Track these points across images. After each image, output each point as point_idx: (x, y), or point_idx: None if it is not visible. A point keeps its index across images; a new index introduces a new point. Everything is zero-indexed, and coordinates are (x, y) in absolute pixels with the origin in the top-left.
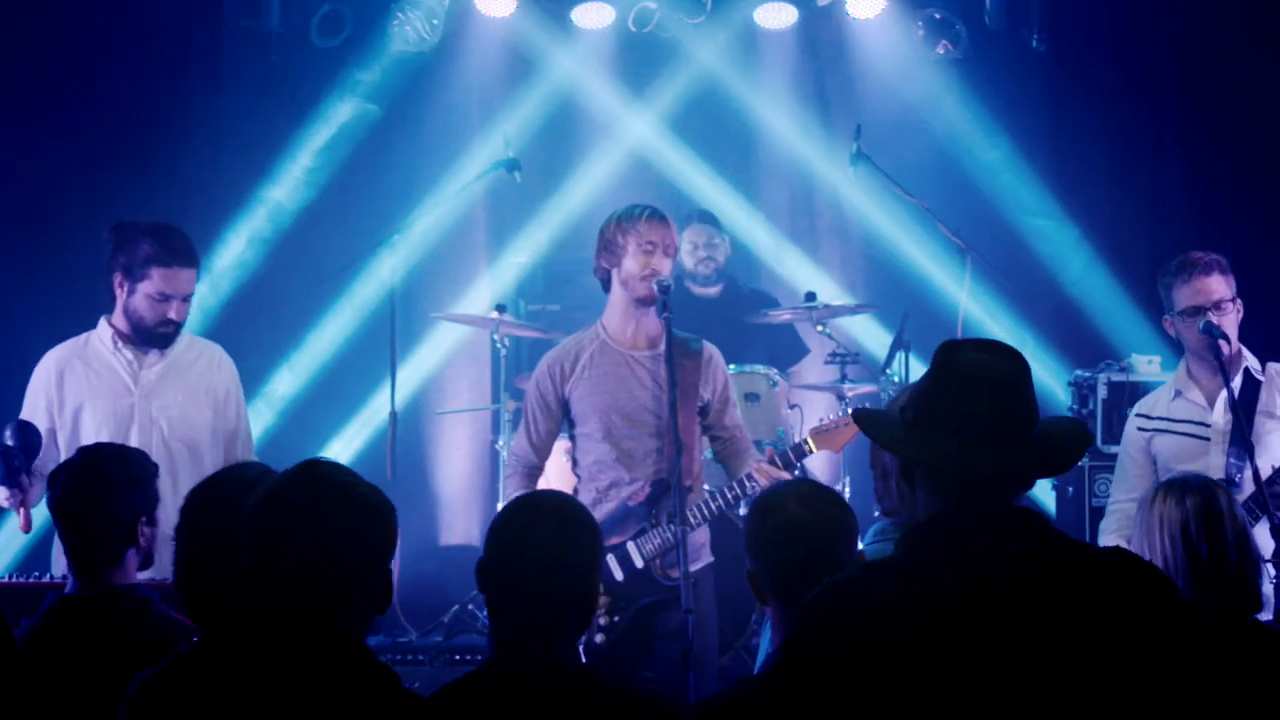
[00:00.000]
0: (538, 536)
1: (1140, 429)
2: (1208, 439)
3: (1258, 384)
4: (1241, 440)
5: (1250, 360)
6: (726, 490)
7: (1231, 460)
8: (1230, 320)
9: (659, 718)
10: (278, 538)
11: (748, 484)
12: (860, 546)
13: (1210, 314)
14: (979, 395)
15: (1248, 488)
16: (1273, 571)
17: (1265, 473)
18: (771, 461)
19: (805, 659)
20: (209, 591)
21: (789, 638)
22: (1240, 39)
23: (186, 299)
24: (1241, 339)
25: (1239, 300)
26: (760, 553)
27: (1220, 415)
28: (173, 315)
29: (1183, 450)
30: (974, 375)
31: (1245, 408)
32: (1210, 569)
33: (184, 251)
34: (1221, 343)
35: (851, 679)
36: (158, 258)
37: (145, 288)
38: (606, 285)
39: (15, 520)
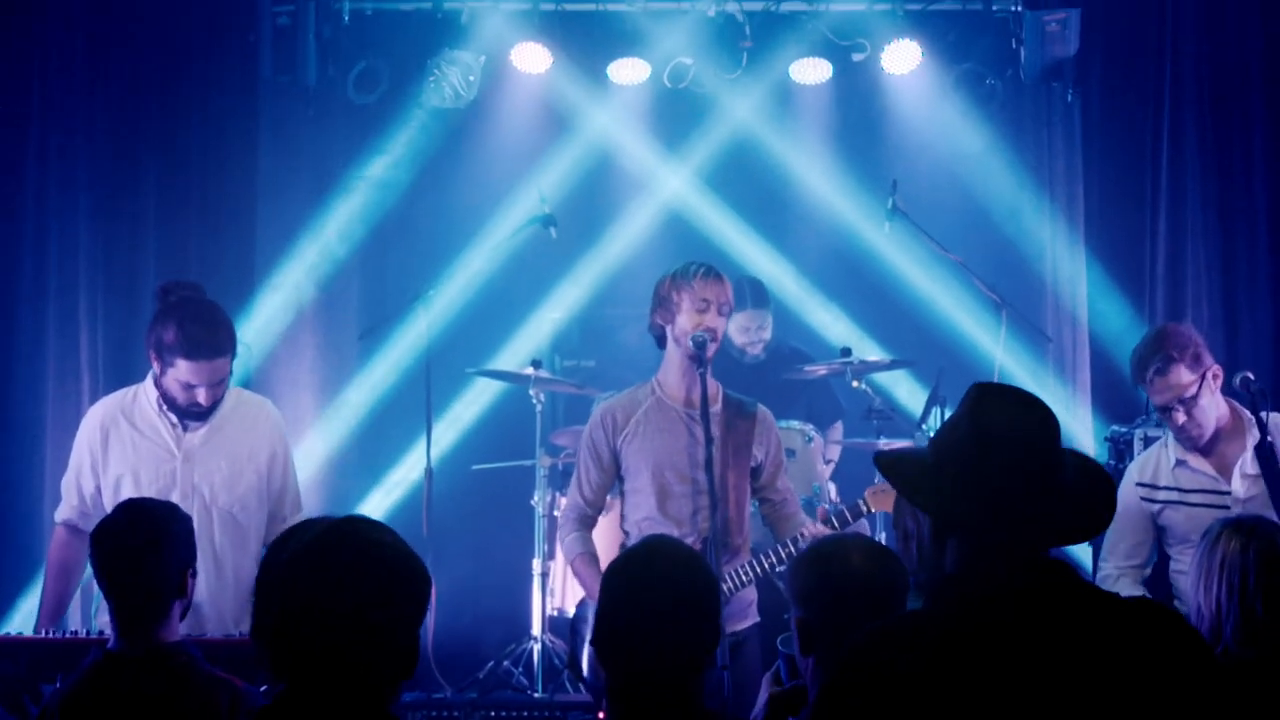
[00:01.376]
0: (657, 589)
1: (1145, 499)
2: (1227, 507)
3: (1270, 446)
4: (1273, 506)
5: (1250, 422)
6: (779, 550)
7: None
8: (1202, 408)
9: None
10: (299, 599)
11: (801, 542)
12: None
13: (1179, 410)
14: (1007, 459)
15: None
16: None
17: None
18: (826, 522)
19: (845, 704)
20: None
21: (826, 685)
22: (1276, 89)
23: (217, 384)
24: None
25: (1214, 370)
26: (816, 601)
27: (1239, 484)
28: (201, 400)
29: (1201, 523)
30: (1004, 435)
31: (1271, 474)
32: (1262, 621)
33: (208, 344)
34: (1200, 437)
35: None
36: (182, 349)
37: (173, 373)
38: (661, 342)
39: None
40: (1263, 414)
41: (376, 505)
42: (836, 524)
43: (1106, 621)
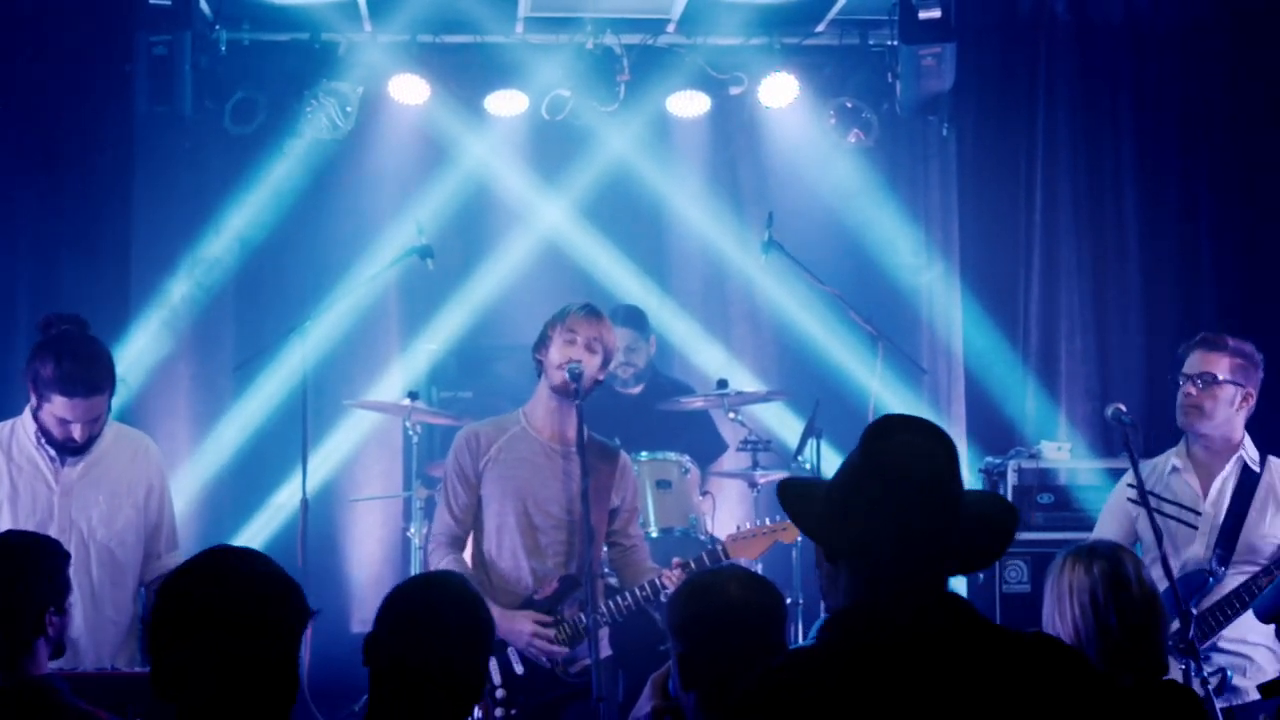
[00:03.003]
0: (432, 625)
1: (1131, 500)
2: (1195, 526)
3: (1256, 476)
4: (1228, 538)
5: (1248, 451)
6: (634, 592)
7: (1217, 555)
8: (1211, 399)
9: None
10: (171, 629)
11: (659, 584)
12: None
13: (1190, 384)
14: (907, 488)
15: (1225, 588)
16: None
17: (1242, 574)
18: (689, 563)
19: None
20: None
21: None
22: (1145, 126)
23: (93, 420)
24: None
25: (1248, 392)
26: (693, 634)
27: (1212, 505)
28: (76, 436)
29: (1169, 534)
30: (903, 464)
31: (1236, 503)
32: (1119, 636)
33: (85, 382)
34: (1185, 417)
35: None
36: (58, 385)
37: (49, 408)
38: (540, 375)
39: None
40: (1268, 456)
41: (252, 537)
42: (696, 568)
43: (1002, 657)
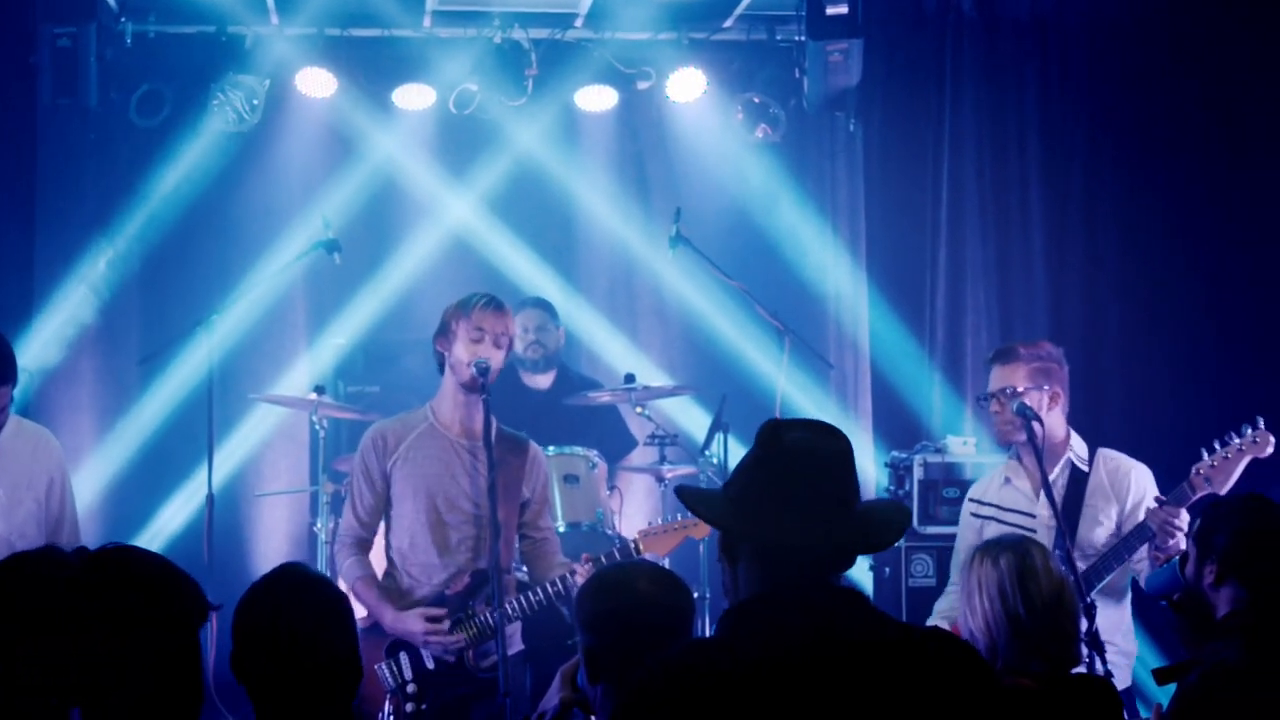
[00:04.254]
0: (290, 616)
1: (974, 514)
2: (1033, 530)
3: (1084, 475)
4: (1066, 534)
5: (1076, 449)
6: (546, 588)
7: (1059, 554)
8: (1007, 413)
9: None
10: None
11: (570, 580)
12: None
13: (992, 401)
14: (802, 472)
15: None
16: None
17: (1082, 566)
18: (600, 558)
19: None
20: None
21: (617, 714)
22: (1051, 120)
23: None
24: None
25: (1055, 391)
26: (602, 629)
27: (1044, 507)
28: None
29: None
30: (798, 453)
31: (1070, 500)
32: (1029, 627)
33: None
34: (1001, 434)
35: None
36: None
37: None
38: (442, 368)
39: None
40: (1099, 450)
41: (157, 532)
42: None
43: (894, 650)
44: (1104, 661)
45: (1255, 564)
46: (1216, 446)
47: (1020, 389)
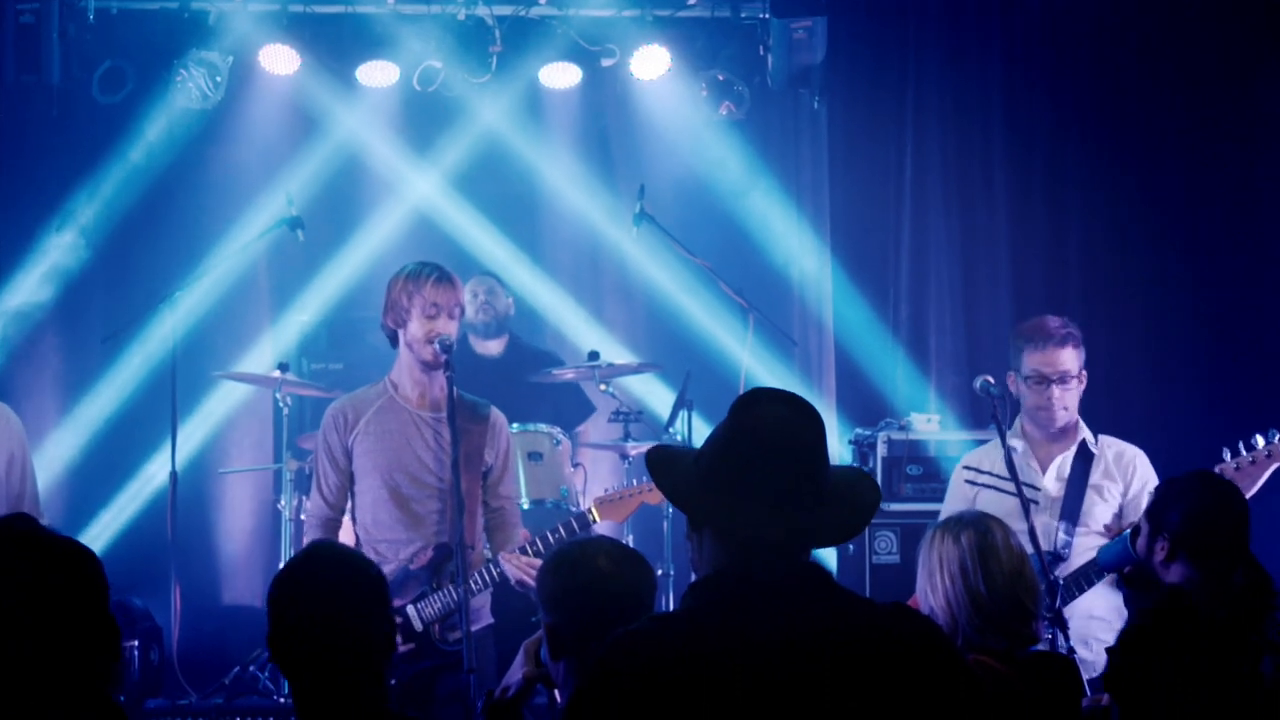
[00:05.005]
0: (326, 596)
1: (969, 482)
2: (1036, 502)
3: (1091, 457)
4: (1071, 510)
5: (1085, 433)
6: (491, 570)
7: (1061, 531)
8: (1073, 394)
9: None
10: None
11: (530, 550)
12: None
13: (1055, 386)
14: (773, 455)
15: (1076, 560)
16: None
17: (1089, 543)
18: (525, 549)
19: (599, 707)
20: None
21: (580, 689)
22: (1015, 102)
23: None
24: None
25: (1085, 373)
26: (562, 606)
27: (1053, 482)
28: None
29: (1010, 510)
30: (770, 434)
31: (1076, 479)
32: (989, 604)
33: None
34: (1058, 419)
35: None
36: None
37: None
38: (394, 342)
39: None
40: (1100, 436)
41: (121, 510)
42: (564, 535)
43: (859, 626)
44: (1067, 638)
45: (1205, 543)
46: (1241, 449)
47: (1075, 372)
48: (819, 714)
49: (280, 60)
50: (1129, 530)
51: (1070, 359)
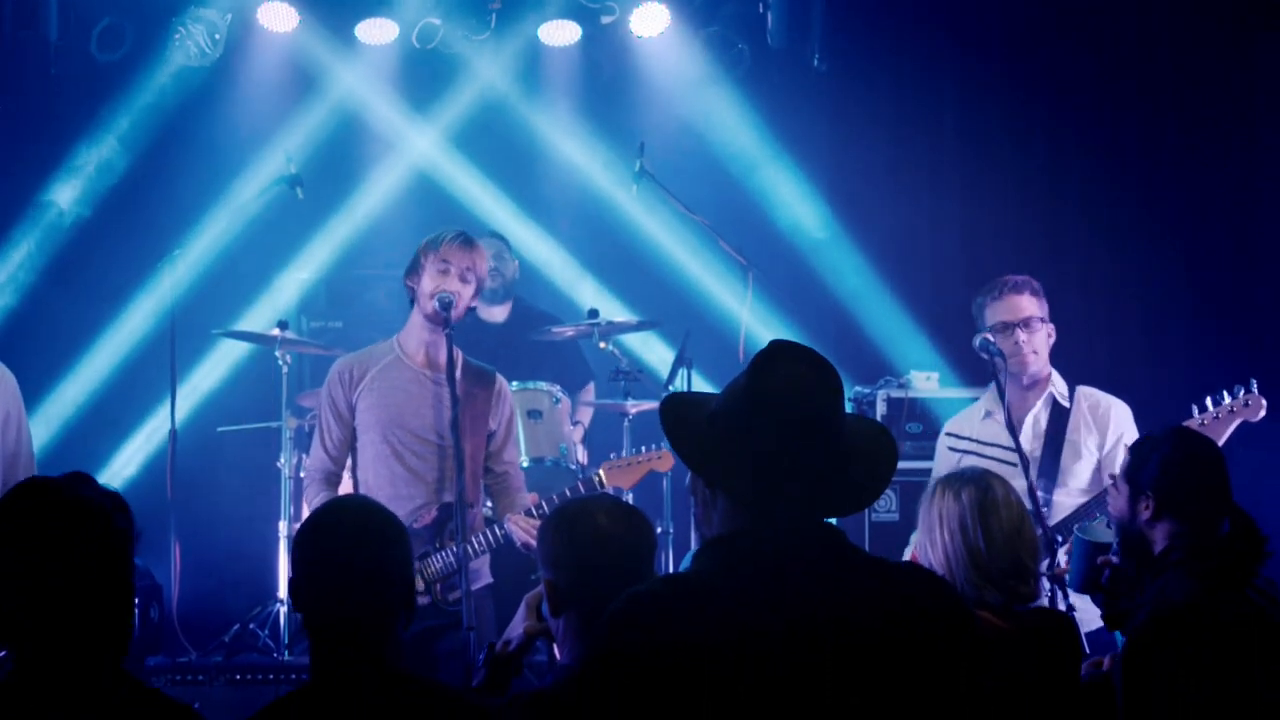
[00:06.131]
0: (349, 543)
1: (951, 448)
2: (1014, 464)
3: (1065, 411)
4: (1049, 469)
5: (1057, 385)
6: (495, 531)
7: (1041, 485)
8: (1040, 338)
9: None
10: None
11: (537, 513)
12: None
13: (1019, 330)
14: (792, 424)
15: (1057, 516)
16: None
17: (1068, 502)
18: (531, 511)
19: (612, 668)
20: None
21: (594, 649)
22: (1014, 62)
23: None
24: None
25: (1051, 324)
26: (563, 563)
27: (1029, 439)
28: None
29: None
30: (789, 398)
31: (1052, 434)
32: (988, 560)
33: None
34: (1029, 363)
35: (658, 691)
36: None
37: None
38: (413, 304)
39: None
40: (1077, 387)
41: (121, 468)
42: (540, 513)
43: (874, 587)
44: (1066, 595)
45: (1187, 494)
46: (1208, 405)
47: (1040, 317)
48: (835, 676)
49: (279, 17)
50: (1081, 542)
51: (1030, 304)
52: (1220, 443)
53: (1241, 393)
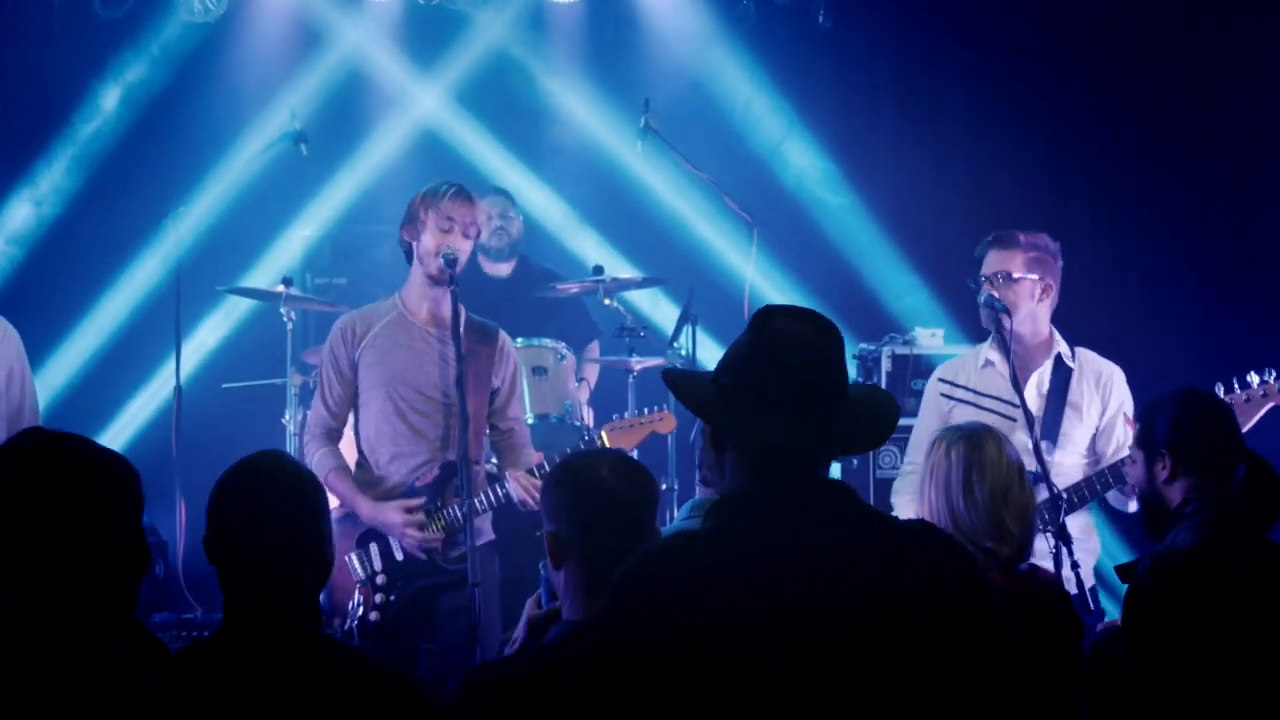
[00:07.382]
0: (262, 504)
1: (944, 395)
2: (1013, 419)
3: (1069, 371)
4: (1050, 429)
5: (1061, 346)
6: (496, 491)
7: (1045, 446)
8: (1021, 295)
9: (398, 690)
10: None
11: (537, 473)
12: (680, 520)
13: (994, 284)
14: (792, 367)
15: (1059, 476)
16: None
17: (1067, 464)
18: (534, 470)
19: (621, 628)
20: None
21: (607, 607)
22: (1020, 19)
23: None
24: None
25: (1048, 283)
26: (565, 516)
27: (1034, 397)
28: None
29: None
30: (789, 345)
31: (1055, 393)
32: (966, 520)
33: None
34: (1004, 319)
35: (673, 650)
36: None
37: None
38: (410, 258)
39: None
40: (1077, 349)
41: (126, 425)
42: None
43: (884, 543)
44: (1070, 552)
45: (1201, 447)
46: (1235, 387)
47: (1016, 275)
48: (844, 626)
49: None
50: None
51: (1007, 260)
52: (1247, 428)
53: (1271, 374)
